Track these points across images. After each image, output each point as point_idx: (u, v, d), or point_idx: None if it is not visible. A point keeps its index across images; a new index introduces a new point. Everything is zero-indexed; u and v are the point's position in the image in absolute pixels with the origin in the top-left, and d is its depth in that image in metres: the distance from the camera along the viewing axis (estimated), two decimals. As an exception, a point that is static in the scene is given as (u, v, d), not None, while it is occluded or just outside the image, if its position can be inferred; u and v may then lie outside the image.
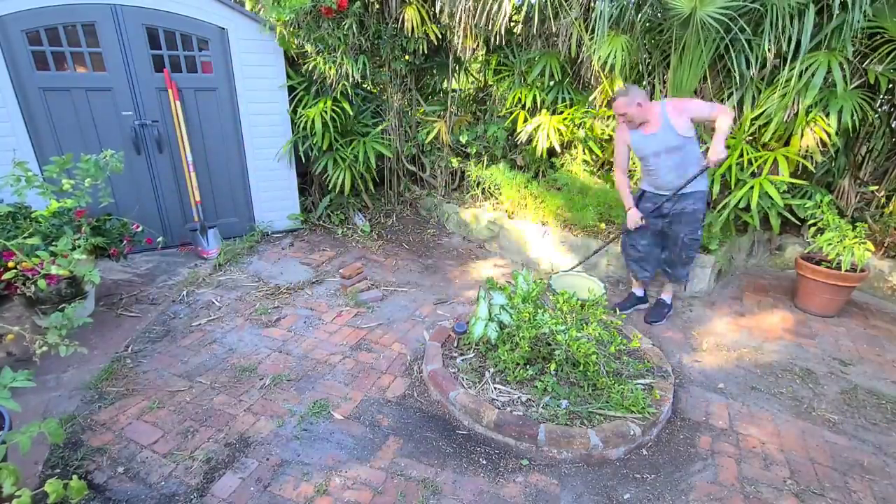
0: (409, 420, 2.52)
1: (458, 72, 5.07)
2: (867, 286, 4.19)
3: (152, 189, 4.17)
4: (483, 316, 2.77)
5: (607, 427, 2.32)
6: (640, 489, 2.16)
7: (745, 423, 2.60)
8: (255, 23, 4.07)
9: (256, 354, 2.98)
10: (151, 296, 3.57)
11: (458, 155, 5.20)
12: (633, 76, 4.32)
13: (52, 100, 3.64)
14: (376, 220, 5.20)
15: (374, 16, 4.42)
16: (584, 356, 2.52)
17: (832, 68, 3.31)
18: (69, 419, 2.37)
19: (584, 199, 4.19)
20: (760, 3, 3.33)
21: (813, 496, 2.15)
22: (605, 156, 4.86)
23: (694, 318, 3.67)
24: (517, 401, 2.50)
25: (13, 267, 2.31)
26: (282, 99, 4.42)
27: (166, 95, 3.94)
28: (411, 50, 4.58)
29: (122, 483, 2.07)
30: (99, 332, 3.10)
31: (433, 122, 5.05)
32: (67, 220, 2.98)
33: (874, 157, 4.35)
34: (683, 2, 3.34)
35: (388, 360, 3.00)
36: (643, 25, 3.87)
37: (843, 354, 3.28)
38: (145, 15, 3.72)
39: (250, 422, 2.44)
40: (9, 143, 3.53)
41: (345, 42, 4.23)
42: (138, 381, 2.70)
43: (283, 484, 2.10)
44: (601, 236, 4.11)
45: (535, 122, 4.46)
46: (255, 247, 4.48)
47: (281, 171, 4.62)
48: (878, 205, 4.41)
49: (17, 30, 3.40)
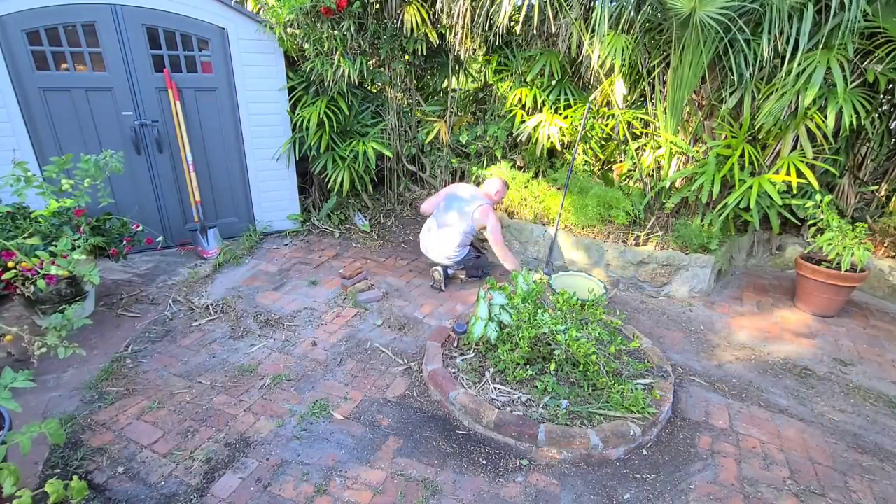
0: (409, 420, 2.52)
1: (458, 72, 5.07)
2: (867, 286, 4.20)
3: (152, 189, 4.17)
4: (483, 316, 2.77)
5: (607, 427, 2.32)
6: (640, 489, 2.16)
7: (745, 422, 2.60)
8: (255, 23, 4.06)
9: (256, 354, 2.98)
10: (151, 296, 3.57)
11: (458, 155, 5.20)
12: (632, 76, 4.33)
13: (52, 100, 3.64)
14: (376, 220, 5.20)
15: (373, 16, 4.42)
16: (584, 356, 2.52)
17: (832, 68, 3.31)
18: (69, 419, 2.37)
19: (584, 198, 4.19)
20: (760, 3, 3.33)
21: (813, 496, 2.15)
22: (605, 155, 4.87)
23: (694, 318, 3.68)
24: (517, 401, 2.50)
25: (13, 267, 2.30)
26: (281, 99, 4.42)
27: (166, 95, 3.94)
28: (411, 50, 4.58)
29: (122, 483, 2.07)
30: (99, 332, 3.10)
31: (433, 121, 5.05)
32: (67, 219, 2.98)
33: (874, 157, 4.35)
34: (683, 2, 3.34)
35: (387, 360, 3.00)
36: (643, 25, 3.87)
37: (843, 354, 3.28)
38: (145, 15, 3.71)
39: (250, 422, 2.44)
40: (9, 143, 3.53)
41: (343, 43, 4.23)
42: (138, 381, 2.70)
43: (283, 484, 2.10)
44: (601, 236, 4.11)
45: (536, 120, 4.47)
46: (255, 247, 4.48)
47: (280, 170, 4.62)
48: (879, 205, 4.41)
49: (17, 30, 3.39)
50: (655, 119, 4.20)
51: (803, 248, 4.39)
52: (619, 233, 4.12)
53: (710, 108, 4.03)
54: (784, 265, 4.64)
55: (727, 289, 4.18)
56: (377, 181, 5.34)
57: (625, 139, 4.41)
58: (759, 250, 4.69)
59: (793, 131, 3.71)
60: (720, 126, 3.91)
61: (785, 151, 3.80)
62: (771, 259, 4.72)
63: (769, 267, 4.71)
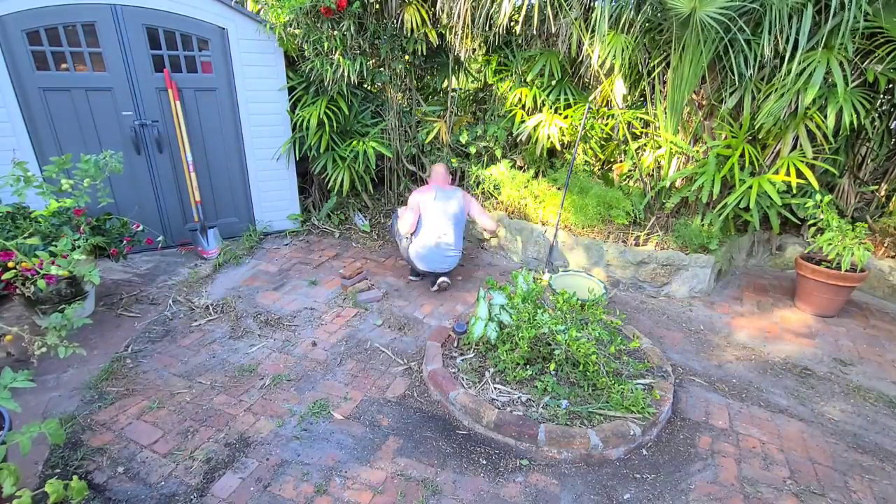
0: (409, 420, 2.52)
1: (458, 71, 5.06)
2: (867, 286, 4.20)
3: (152, 189, 4.17)
4: (483, 316, 2.77)
5: (607, 427, 2.32)
6: (640, 489, 2.16)
7: (745, 422, 2.60)
8: (255, 23, 4.06)
9: (256, 354, 2.98)
10: (151, 296, 3.57)
11: (458, 155, 5.20)
12: (632, 76, 4.33)
13: (52, 100, 3.64)
14: (376, 220, 5.19)
15: (373, 16, 4.41)
16: (583, 356, 2.52)
17: (832, 67, 3.31)
18: (69, 419, 2.37)
19: (584, 198, 4.19)
20: (760, 2, 3.33)
21: (813, 496, 2.15)
22: (605, 155, 4.87)
23: (694, 318, 3.68)
24: (517, 401, 2.50)
25: (13, 267, 2.30)
26: (281, 99, 4.42)
27: (166, 95, 3.94)
28: (411, 50, 4.58)
29: (122, 483, 2.07)
30: (99, 332, 3.10)
31: (433, 121, 5.05)
32: (67, 219, 2.98)
33: (874, 157, 4.35)
34: (683, 1, 3.34)
35: (387, 360, 3.00)
36: (643, 25, 3.87)
37: (843, 354, 3.28)
38: (145, 15, 3.71)
39: (250, 422, 2.44)
40: (9, 143, 3.53)
41: (342, 43, 4.23)
42: (138, 381, 2.70)
43: (283, 484, 2.10)
44: (601, 236, 4.11)
45: (536, 120, 4.47)
46: (255, 247, 4.48)
47: (280, 170, 4.62)
48: (879, 205, 4.41)
49: (17, 30, 3.39)
50: (655, 119, 4.20)
51: (803, 248, 4.39)
52: (619, 233, 4.12)
53: (710, 108, 4.03)
54: (784, 265, 4.64)
55: (727, 289, 4.18)
56: (377, 181, 5.34)
57: (625, 139, 4.41)
58: (759, 250, 4.69)
59: (793, 131, 3.72)
60: (720, 126, 3.91)
61: (785, 151, 3.80)
62: (771, 259, 4.72)
63: (769, 267, 4.71)
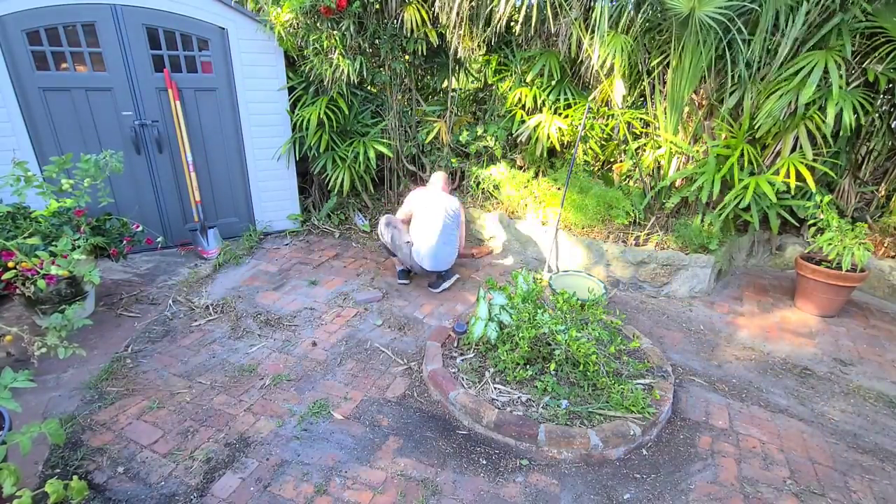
0: (409, 420, 2.52)
1: (458, 72, 5.06)
2: (867, 286, 4.20)
3: (152, 189, 4.17)
4: (483, 316, 2.77)
5: (607, 427, 2.32)
6: (640, 489, 2.16)
7: (745, 422, 2.60)
8: (255, 23, 4.06)
9: (256, 354, 2.98)
10: (151, 296, 3.57)
11: (458, 155, 5.20)
12: (632, 76, 4.33)
13: (52, 100, 3.64)
14: (376, 220, 5.19)
15: (373, 16, 4.41)
16: (583, 356, 2.52)
17: (829, 67, 3.31)
18: (69, 419, 2.37)
19: (584, 198, 4.19)
20: (759, 2, 3.33)
21: (813, 496, 2.15)
22: (605, 155, 4.87)
23: (694, 318, 3.68)
24: (517, 401, 2.50)
25: (13, 267, 2.30)
26: (281, 99, 4.42)
27: (166, 95, 3.94)
28: (411, 50, 4.58)
29: (122, 483, 2.07)
30: (99, 332, 3.10)
31: (433, 121, 5.05)
32: (67, 219, 2.98)
33: (874, 157, 4.35)
34: (682, 1, 3.34)
35: (387, 360, 3.00)
36: (643, 25, 3.87)
37: (843, 354, 3.28)
38: (145, 15, 3.71)
39: (250, 422, 2.44)
40: (9, 143, 3.53)
41: (342, 43, 4.23)
42: (138, 381, 2.70)
43: (283, 484, 2.10)
44: (601, 236, 4.11)
45: (536, 120, 4.47)
46: (255, 247, 4.48)
47: (280, 170, 4.62)
48: (879, 205, 4.41)
49: (17, 30, 3.39)
50: (655, 119, 4.20)
51: (803, 248, 4.39)
52: (619, 233, 4.12)
53: (709, 108, 4.03)
54: (784, 265, 4.64)
55: (727, 289, 4.18)
56: (377, 181, 5.34)
57: (625, 139, 4.41)
58: (759, 250, 4.69)
59: (793, 132, 3.72)
60: (720, 126, 3.91)
61: (785, 152, 3.80)
62: (771, 259, 4.72)
63: (769, 267, 4.71)
